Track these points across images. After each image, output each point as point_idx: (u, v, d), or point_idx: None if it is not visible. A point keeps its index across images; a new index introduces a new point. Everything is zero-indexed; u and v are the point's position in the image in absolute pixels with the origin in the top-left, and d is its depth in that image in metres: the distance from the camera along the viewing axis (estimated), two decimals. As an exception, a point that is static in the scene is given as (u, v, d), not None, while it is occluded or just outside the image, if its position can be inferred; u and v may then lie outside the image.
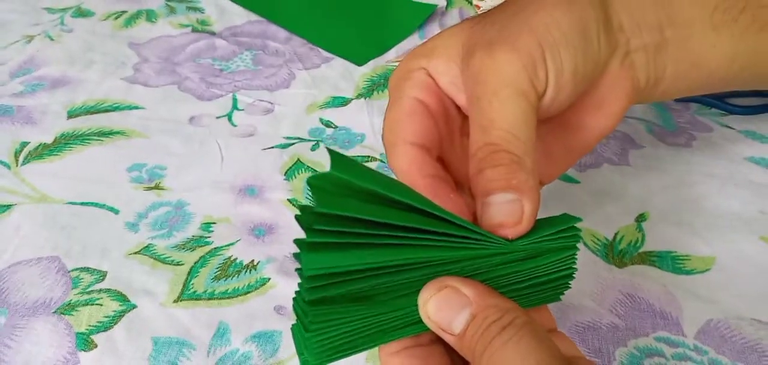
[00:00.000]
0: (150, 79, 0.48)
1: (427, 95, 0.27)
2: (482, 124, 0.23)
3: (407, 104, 0.26)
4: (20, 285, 0.33)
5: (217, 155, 0.41)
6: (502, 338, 0.19)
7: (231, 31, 0.54)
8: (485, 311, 0.20)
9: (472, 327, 0.20)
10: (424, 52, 0.27)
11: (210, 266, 0.34)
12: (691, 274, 0.33)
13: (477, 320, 0.20)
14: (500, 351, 0.19)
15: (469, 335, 0.20)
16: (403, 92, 0.27)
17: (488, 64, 0.24)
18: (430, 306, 0.21)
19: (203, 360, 0.30)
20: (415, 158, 0.25)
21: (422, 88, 0.27)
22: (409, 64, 0.27)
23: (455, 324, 0.20)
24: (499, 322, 0.20)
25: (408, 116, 0.26)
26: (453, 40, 0.26)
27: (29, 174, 0.40)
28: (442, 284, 0.21)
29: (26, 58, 0.50)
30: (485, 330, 0.20)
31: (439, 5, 0.56)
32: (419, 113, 0.26)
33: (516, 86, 0.23)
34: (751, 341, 0.30)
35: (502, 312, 0.20)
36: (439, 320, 0.21)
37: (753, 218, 0.35)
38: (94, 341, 0.30)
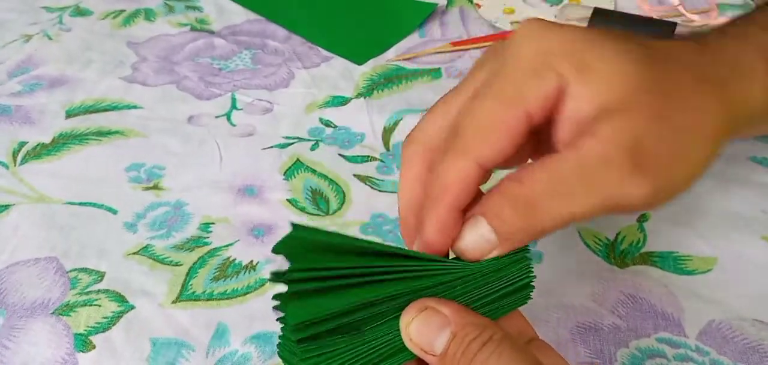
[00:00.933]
0: (148, 79, 0.48)
1: (540, 108, 0.22)
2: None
3: (518, 112, 0.22)
4: (18, 286, 0.33)
5: (216, 154, 0.41)
6: (483, 354, 0.20)
7: (230, 30, 0.53)
8: (464, 329, 0.21)
9: (452, 346, 0.20)
10: (576, 64, 0.21)
11: (209, 267, 0.34)
12: (692, 274, 0.33)
13: (457, 339, 0.20)
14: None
15: (451, 354, 0.20)
16: (526, 89, 0.22)
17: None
18: (412, 328, 0.21)
19: (202, 360, 0.30)
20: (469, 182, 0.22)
21: (546, 97, 0.22)
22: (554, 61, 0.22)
23: (436, 345, 0.21)
24: (479, 339, 0.20)
25: (504, 130, 0.22)
26: (617, 80, 0.21)
27: (27, 174, 0.40)
28: (422, 305, 0.21)
29: (24, 58, 0.50)
30: (466, 347, 0.20)
31: (439, 4, 0.56)
32: (518, 131, 0.22)
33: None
34: (753, 341, 0.29)
35: (480, 329, 0.21)
36: (421, 341, 0.21)
37: (755, 218, 0.35)
38: (93, 342, 0.30)
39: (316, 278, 0.20)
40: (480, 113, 0.22)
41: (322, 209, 0.37)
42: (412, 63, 0.49)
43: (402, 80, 0.47)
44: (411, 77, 0.48)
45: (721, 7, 0.55)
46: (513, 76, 0.22)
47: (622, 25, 0.47)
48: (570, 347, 0.30)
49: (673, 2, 0.56)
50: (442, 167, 0.22)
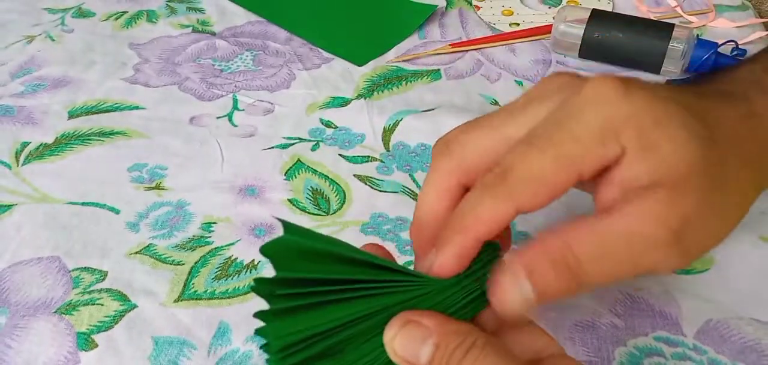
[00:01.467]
0: (150, 80, 0.48)
1: (595, 172, 0.22)
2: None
3: (573, 175, 0.21)
4: (21, 285, 0.33)
5: (218, 155, 0.41)
6: (468, 360, 0.20)
7: (231, 32, 0.54)
8: (446, 338, 0.21)
9: (437, 357, 0.21)
10: (642, 142, 0.21)
11: (210, 266, 0.34)
12: (690, 274, 0.33)
13: (440, 349, 0.21)
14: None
15: (436, 364, 0.21)
16: (587, 155, 0.21)
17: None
18: (396, 343, 0.21)
19: (204, 359, 0.30)
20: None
21: (604, 165, 0.21)
22: (621, 134, 0.21)
23: (421, 357, 0.21)
24: (462, 346, 0.20)
25: (555, 188, 0.22)
26: (677, 161, 0.21)
27: (30, 174, 0.40)
28: (404, 319, 0.21)
29: (27, 59, 0.50)
30: (450, 356, 0.20)
31: (439, 5, 0.56)
32: (567, 188, 0.22)
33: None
34: (751, 340, 0.30)
35: (462, 337, 0.21)
36: (406, 355, 0.21)
37: (753, 217, 0.35)
38: (95, 340, 0.30)
39: (300, 294, 0.21)
40: (535, 167, 0.21)
41: (323, 209, 0.37)
42: (411, 64, 0.50)
43: (402, 81, 0.48)
44: (411, 78, 0.48)
45: (718, 8, 0.55)
46: (576, 139, 0.21)
47: (620, 27, 0.47)
48: (568, 345, 0.30)
49: (671, 3, 0.56)
50: (482, 202, 0.22)
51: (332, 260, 0.21)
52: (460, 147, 0.24)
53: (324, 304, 0.21)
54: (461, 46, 0.51)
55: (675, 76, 0.47)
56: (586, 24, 0.48)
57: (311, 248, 0.20)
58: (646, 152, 0.21)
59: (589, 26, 0.48)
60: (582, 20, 0.48)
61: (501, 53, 0.51)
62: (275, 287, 0.21)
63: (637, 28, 0.47)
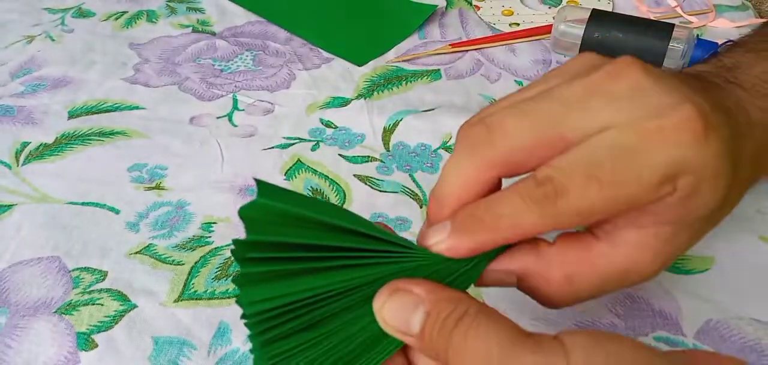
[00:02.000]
0: (150, 80, 0.48)
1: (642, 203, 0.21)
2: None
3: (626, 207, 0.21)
4: (21, 285, 0.33)
5: (218, 155, 0.41)
6: (460, 329, 0.19)
7: (231, 32, 0.54)
8: (438, 305, 0.20)
9: (428, 324, 0.20)
10: (697, 181, 0.21)
11: (210, 266, 0.34)
12: (690, 274, 0.33)
13: (432, 316, 0.20)
14: (462, 342, 0.19)
15: (427, 332, 0.20)
16: (643, 195, 0.21)
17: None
18: (385, 311, 0.21)
19: (204, 359, 0.30)
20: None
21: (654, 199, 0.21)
22: (680, 176, 0.20)
23: (412, 324, 0.20)
24: (454, 314, 0.20)
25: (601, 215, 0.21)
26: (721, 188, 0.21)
27: (30, 174, 0.40)
28: (394, 287, 0.21)
29: (27, 59, 0.50)
30: (442, 324, 0.20)
31: (439, 5, 0.56)
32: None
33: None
34: (750, 340, 0.30)
35: (454, 304, 0.20)
36: (396, 323, 0.21)
37: (753, 218, 0.35)
38: (95, 340, 0.30)
39: (274, 258, 0.19)
40: (590, 202, 0.20)
41: (323, 209, 0.37)
42: (411, 64, 0.50)
43: (402, 81, 0.48)
44: (411, 78, 0.48)
45: (718, 8, 0.55)
46: (640, 180, 0.20)
47: (620, 27, 0.47)
48: (568, 345, 0.30)
49: (671, 3, 0.56)
50: (526, 216, 0.20)
51: (315, 226, 0.20)
52: (506, 139, 0.21)
53: (301, 272, 0.20)
54: (461, 46, 0.51)
55: (675, 76, 0.47)
56: (586, 24, 0.48)
57: (293, 212, 0.19)
58: (687, 201, 0.21)
59: (589, 26, 0.48)
60: (582, 20, 0.48)
61: (501, 53, 0.51)
62: (248, 250, 0.19)
63: (637, 28, 0.47)
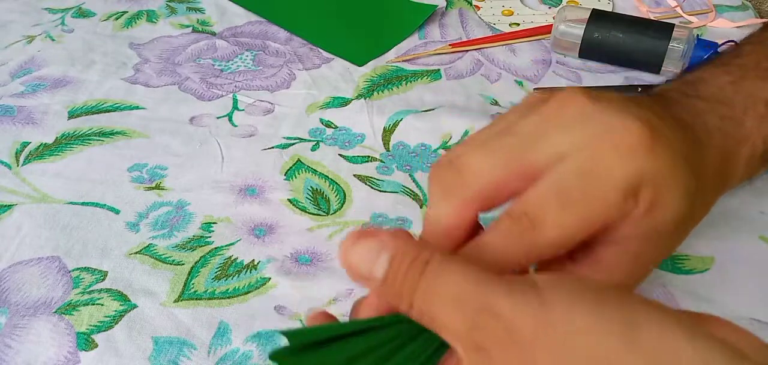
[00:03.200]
0: (151, 80, 0.48)
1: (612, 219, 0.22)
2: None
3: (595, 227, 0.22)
4: (21, 285, 0.33)
5: (218, 155, 0.41)
6: (429, 272, 0.19)
7: (231, 32, 0.54)
8: (403, 249, 0.20)
9: (392, 269, 0.20)
10: (656, 195, 0.22)
11: (210, 266, 0.34)
12: (690, 274, 0.33)
13: (396, 261, 0.20)
14: (432, 284, 0.19)
15: (391, 278, 0.20)
16: (612, 211, 0.22)
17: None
18: (351, 254, 0.21)
19: (204, 359, 0.30)
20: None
21: (623, 214, 0.22)
22: (642, 187, 0.22)
23: (376, 269, 0.20)
24: (420, 259, 0.20)
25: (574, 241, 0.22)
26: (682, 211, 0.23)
27: (30, 174, 0.40)
28: (359, 233, 0.21)
29: (27, 59, 0.50)
30: (408, 269, 0.20)
31: (439, 5, 0.56)
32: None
33: None
34: (750, 340, 0.30)
35: (419, 249, 0.20)
36: (361, 268, 0.20)
37: (752, 218, 0.35)
38: (95, 340, 0.30)
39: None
40: (564, 225, 0.21)
41: (323, 209, 0.37)
42: (411, 64, 0.50)
43: (402, 81, 0.48)
44: (411, 78, 0.48)
45: (718, 8, 0.55)
46: (604, 198, 0.21)
47: (620, 27, 0.47)
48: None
49: (671, 4, 0.56)
50: (510, 250, 0.21)
51: (338, 339, 0.21)
52: (476, 177, 0.23)
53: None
54: (461, 46, 0.51)
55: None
56: (586, 24, 0.48)
57: (316, 339, 0.20)
58: (650, 213, 0.22)
59: (589, 26, 0.48)
60: (582, 20, 0.48)
61: (501, 53, 0.51)
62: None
63: (637, 28, 0.47)
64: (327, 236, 0.36)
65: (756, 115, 0.27)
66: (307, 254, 0.35)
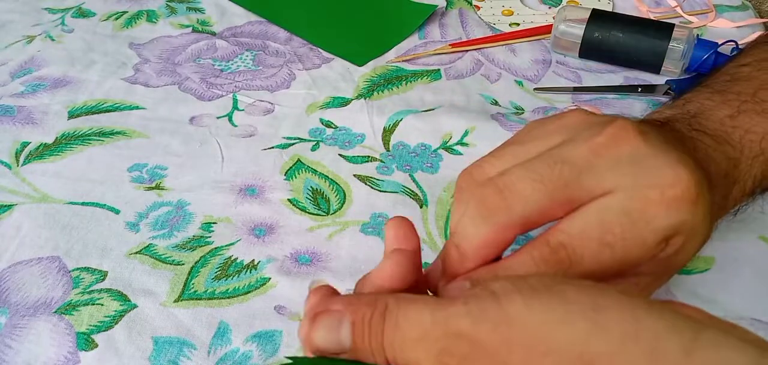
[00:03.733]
0: (150, 80, 0.48)
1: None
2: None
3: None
4: (21, 285, 0.33)
5: (218, 155, 0.41)
6: (390, 321, 0.20)
7: (231, 32, 0.54)
8: (359, 311, 0.20)
9: (357, 334, 0.20)
10: (688, 230, 0.23)
11: (210, 266, 0.34)
12: (690, 274, 0.33)
13: (357, 325, 0.20)
14: (395, 331, 0.20)
15: (359, 342, 0.20)
16: (645, 252, 0.23)
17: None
18: (315, 338, 0.21)
19: (204, 359, 0.30)
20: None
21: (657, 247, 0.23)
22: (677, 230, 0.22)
23: (343, 340, 0.21)
24: (377, 311, 0.20)
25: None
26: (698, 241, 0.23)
27: (30, 174, 0.40)
28: (312, 313, 0.21)
29: (27, 59, 0.50)
30: (370, 328, 0.20)
31: (439, 5, 0.56)
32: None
33: None
34: (751, 340, 0.30)
35: (373, 304, 0.20)
36: (329, 346, 0.21)
37: (752, 218, 0.35)
38: (95, 340, 0.30)
39: None
40: (602, 265, 0.22)
41: (323, 209, 0.37)
42: (411, 64, 0.50)
43: (402, 81, 0.48)
44: (411, 78, 0.48)
45: (718, 8, 0.55)
46: (644, 245, 0.22)
47: (620, 27, 0.47)
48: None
49: (671, 3, 0.56)
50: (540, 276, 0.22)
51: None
52: (521, 203, 0.22)
53: None
54: (461, 46, 0.51)
55: (675, 77, 0.47)
56: (586, 24, 0.48)
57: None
58: (678, 255, 0.23)
59: (589, 26, 0.48)
60: (582, 20, 0.48)
61: (501, 53, 0.51)
62: None
63: (637, 28, 0.47)
64: (327, 236, 0.36)
65: (750, 154, 0.28)
66: (307, 254, 0.35)
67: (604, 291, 0.18)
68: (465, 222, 0.23)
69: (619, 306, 0.17)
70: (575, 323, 0.17)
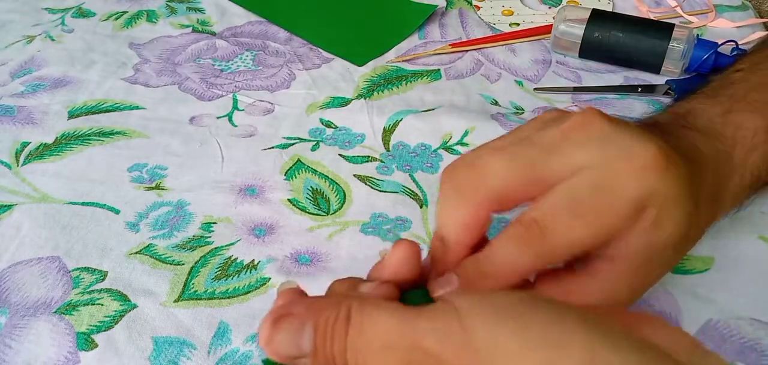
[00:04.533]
0: (150, 80, 0.48)
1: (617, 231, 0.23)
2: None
3: (602, 235, 0.23)
4: (21, 285, 0.33)
5: (218, 155, 0.41)
6: (354, 326, 0.19)
7: (231, 32, 0.54)
8: (322, 315, 0.20)
9: (319, 339, 0.20)
10: (663, 211, 0.23)
11: (210, 266, 0.34)
12: (690, 274, 0.33)
13: (320, 329, 0.20)
14: (359, 336, 0.19)
15: (320, 347, 0.20)
16: (618, 224, 0.23)
17: None
18: (276, 344, 0.20)
19: (204, 359, 0.30)
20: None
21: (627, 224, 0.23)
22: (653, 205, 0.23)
23: (304, 346, 0.20)
24: (341, 316, 0.20)
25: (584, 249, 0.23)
26: (677, 225, 0.24)
27: (30, 174, 0.40)
28: (273, 316, 0.20)
29: (27, 59, 0.50)
30: (333, 331, 0.19)
31: (439, 5, 0.56)
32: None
33: None
34: (751, 340, 0.30)
35: (337, 307, 0.20)
36: (289, 351, 0.20)
37: (752, 218, 0.35)
38: (95, 340, 0.30)
39: None
40: (575, 235, 0.22)
41: (323, 209, 0.37)
42: (411, 64, 0.50)
43: (402, 81, 0.48)
44: (411, 79, 0.48)
45: (718, 8, 0.55)
46: (616, 212, 0.22)
47: (620, 27, 0.47)
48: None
49: (671, 4, 0.56)
50: (521, 258, 0.22)
51: None
52: (494, 179, 0.23)
53: None
54: (461, 46, 0.51)
55: (675, 77, 0.47)
56: (586, 24, 0.48)
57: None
58: (653, 231, 0.23)
59: (589, 26, 0.48)
60: (582, 20, 0.48)
61: (501, 53, 0.51)
62: None
63: (637, 28, 0.47)
64: (327, 236, 0.36)
65: (744, 147, 0.28)
66: (307, 254, 0.35)
67: (566, 317, 0.18)
68: (441, 204, 0.24)
69: (586, 342, 0.17)
70: (534, 353, 0.17)
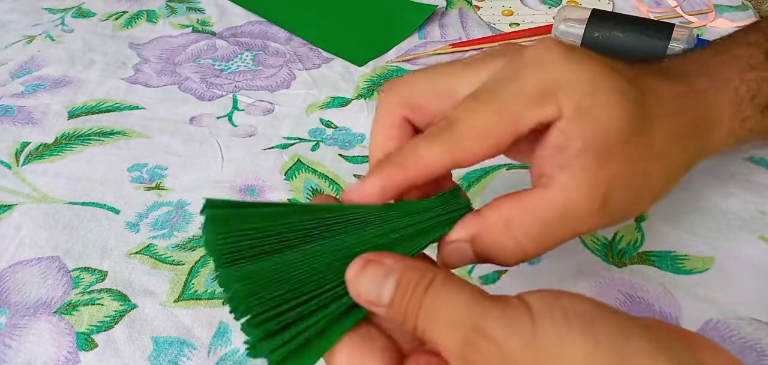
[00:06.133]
0: (150, 80, 0.48)
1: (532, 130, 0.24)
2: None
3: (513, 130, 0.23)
4: (21, 285, 0.33)
5: (218, 155, 0.41)
6: (432, 293, 0.20)
7: (231, 32, 0.54)
8: (408, 274, 0.21)
9: (399, 293, 0.21)
10: (577, 105, 0.23)
11: (210, 266, 0.34)
12: (690, 274, 0.33)
13: (402, 285, 0.21)
14: (434, 304, 0.20)
15: (398, 301, 0.21)
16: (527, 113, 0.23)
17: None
18: (359, 282, 0.21)
19: (204, 359, 0.30)
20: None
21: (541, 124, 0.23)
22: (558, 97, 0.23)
23: (384, 295, 0.21)
24: (424, 281, 0.21)
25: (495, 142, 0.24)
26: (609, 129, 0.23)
27: (30, 174, 0.40)
28: (365, 259, 0.22)
29: (27, 59, 0.50)
30: (413, 291, 0.21)
31: (439, 5, 0.56)
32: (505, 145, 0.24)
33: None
34: (751, 340, 0.30)
35: (422, 272, 0.21)
36: (369, 294, 0.21)
37: (752, 218, 0.35)
38: (95, 340, 0.31)
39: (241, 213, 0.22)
40: (478, 121, 0.23)
41: (323, 209, 0.37)
42: (411, 64, 0.50)
43: (402, 81, 0.48)
44: (411, 78, 0.48)
45: (718, 8, 0.55)
46: (517, 97, 0.23)
47: (620, 27, 0.47)
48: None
49: (671, 3, 0.56)
50: (424, 146, 0.23)
51: (277, 217, 0.22)
52: (407, 86, 0.26)
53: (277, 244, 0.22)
54: (461, 46, 0.51)
55: (675, 76, 0.47)
56: (586, 24, 0.48)
57: (245, 214, 0.22)
58: (581, 116, 0.23)
59: (589, 26, 0.48)
60: (582, 20, 0.48)
61: (501, 53, 0.51)
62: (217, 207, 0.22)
63: (637, 28, 0.47)
64: (327, 236, 0.36)
65: (738, 68, 0.28)
66: (307, 254, 0.35)
67: (632, 331, 0.18)
68: (372, 130, 0.27)
69: (642, 350, 0.17)
70: (599, 363, 0.17)
